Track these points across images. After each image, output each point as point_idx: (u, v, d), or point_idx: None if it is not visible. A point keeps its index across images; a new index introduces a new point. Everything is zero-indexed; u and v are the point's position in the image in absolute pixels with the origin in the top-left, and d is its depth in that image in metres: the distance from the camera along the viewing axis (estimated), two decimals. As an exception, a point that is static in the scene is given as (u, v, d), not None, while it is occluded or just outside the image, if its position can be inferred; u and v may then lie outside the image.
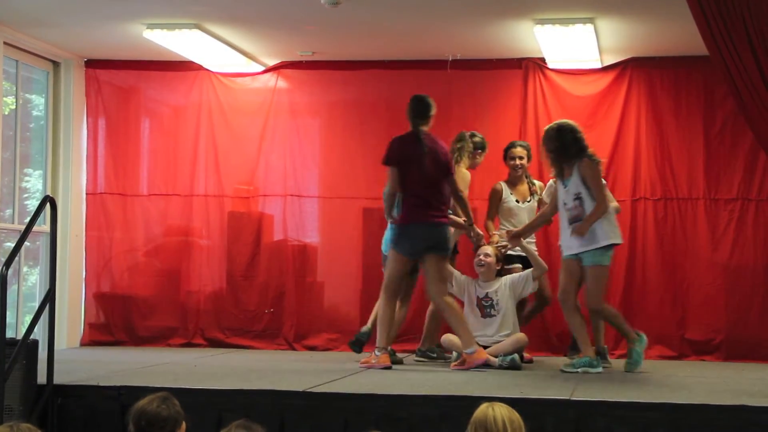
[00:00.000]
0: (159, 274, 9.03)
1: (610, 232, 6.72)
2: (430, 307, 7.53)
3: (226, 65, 8.94)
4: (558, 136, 6.78)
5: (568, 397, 5.37)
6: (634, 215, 8.47)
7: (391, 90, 8.82)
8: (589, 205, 6.69)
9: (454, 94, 8.73)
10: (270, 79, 9.07)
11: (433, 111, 6.98)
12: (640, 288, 8.44)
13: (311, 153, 9.12)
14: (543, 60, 8.60)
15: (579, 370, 6.66)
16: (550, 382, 6.21)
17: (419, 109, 6.94)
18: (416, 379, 6.28)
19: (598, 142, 8.35)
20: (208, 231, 9.05)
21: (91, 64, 9.08)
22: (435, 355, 7.54)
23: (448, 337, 7.19)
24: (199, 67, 9.01)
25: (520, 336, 7.15)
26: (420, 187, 6.82)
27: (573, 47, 8.12)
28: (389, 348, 7.10)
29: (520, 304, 7.45)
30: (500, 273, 7.43)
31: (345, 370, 6.66)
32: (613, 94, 8.58)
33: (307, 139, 9.14)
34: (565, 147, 6.76)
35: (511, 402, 3.72)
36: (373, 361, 6.87)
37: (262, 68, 9.07)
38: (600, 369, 6.75)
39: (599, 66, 8.60)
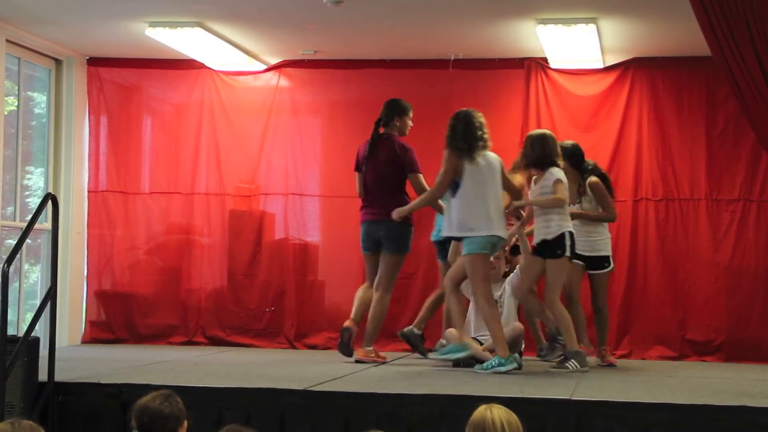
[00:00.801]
0: (160, 272, 9.04)
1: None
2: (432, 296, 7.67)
3: (228, 64, 8.94)
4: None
5: (568, 397, 5.37)
6: (636, 216, 8.48)
7: (393, 89, 8.64)
8: (447, 197, 6.72)
9: (456, 94, 8.72)
10: (272, 78, 9.08)
11: (395, 114, 7.30)
12: (642, 288, 8.45)
13: (313, 152, 9.12)
14: (545, 60, 8.61)
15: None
16: (551, 381, 6.21)
17: (382, 112, 7.36)
18: (417, 378, 6.29)
19: (599, 143, 8.48)
20: (210, 229, 9.07)
21: (94, 62, 9.10)
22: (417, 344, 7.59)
23: (451, 332, 7.19)
24: (201, 66, 9.03)
25: (516, 325, 7.12)
26: (364, 190, 7.31)
27: (575, 47, 8.12)
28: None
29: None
30: (506, 275, 7.48)
31: (345, 369, 6.66)
32: (615, 94, 8.59)
33: (309, 138, 9.14)
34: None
35: (512, 401, 3.73)
36: (372, 356, 7.01)
37: (264, 67, 9.08)
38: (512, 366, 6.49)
39: (601, 66, 8.62)
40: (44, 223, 8.19)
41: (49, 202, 6.03)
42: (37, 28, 8.20)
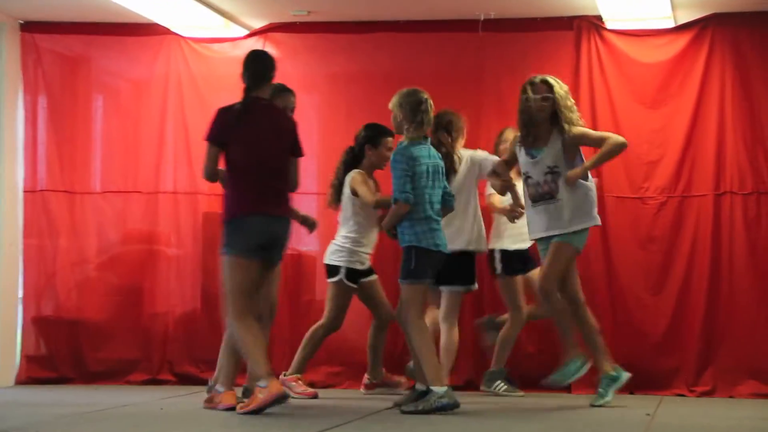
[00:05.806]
0: (116, 293, 8.94)
1: None
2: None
3: (201, 28, 8.87)
4: None
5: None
6: (718, 213, 8.32)
7: (408, 58, 8.76)
8: None
9: (487, 62, 8.69)
10: (255, 46, 8.70)
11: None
12: (727, 306, 8.26)
13: (308, 137, 8.64)
14: (600, 18, 8.51)
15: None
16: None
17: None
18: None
19: (671, 120, 8.40)
20: (178, 237, 8.97)
21: (29, 27, 9.00)
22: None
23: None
24: (167, 31, 8.93)
25: None
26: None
27: (638, 2, 8.12)
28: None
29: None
30: None
31: (360, 411, 6.37)
32: (690, 60, 8.45)
33: (303, 120, 8.63)
34: None
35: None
36: (216, 401, 6.79)
37: (246, 32, 8.97)
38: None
39: (672, 25, 8.50)
40: (-33, 232, 8.16)
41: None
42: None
